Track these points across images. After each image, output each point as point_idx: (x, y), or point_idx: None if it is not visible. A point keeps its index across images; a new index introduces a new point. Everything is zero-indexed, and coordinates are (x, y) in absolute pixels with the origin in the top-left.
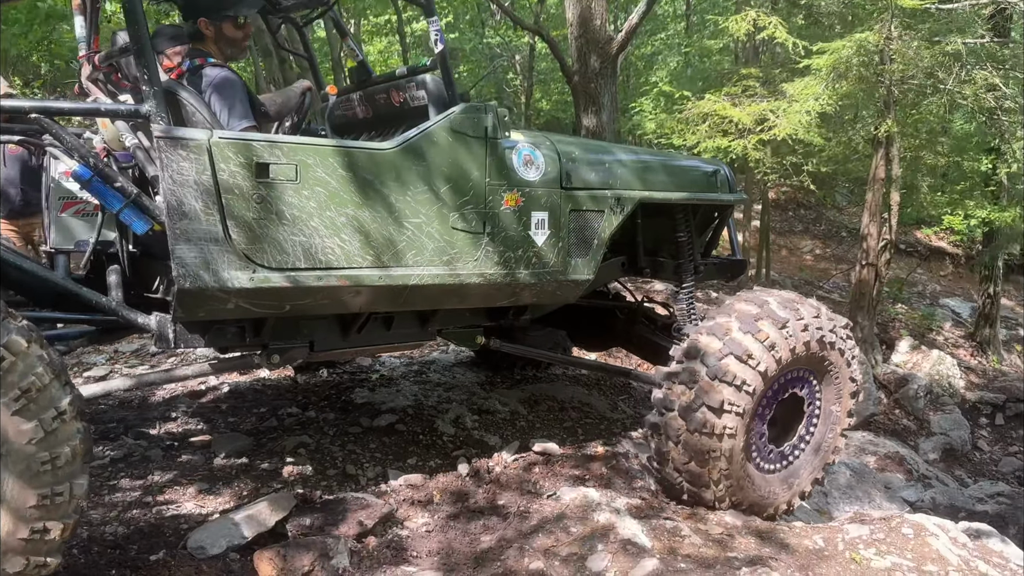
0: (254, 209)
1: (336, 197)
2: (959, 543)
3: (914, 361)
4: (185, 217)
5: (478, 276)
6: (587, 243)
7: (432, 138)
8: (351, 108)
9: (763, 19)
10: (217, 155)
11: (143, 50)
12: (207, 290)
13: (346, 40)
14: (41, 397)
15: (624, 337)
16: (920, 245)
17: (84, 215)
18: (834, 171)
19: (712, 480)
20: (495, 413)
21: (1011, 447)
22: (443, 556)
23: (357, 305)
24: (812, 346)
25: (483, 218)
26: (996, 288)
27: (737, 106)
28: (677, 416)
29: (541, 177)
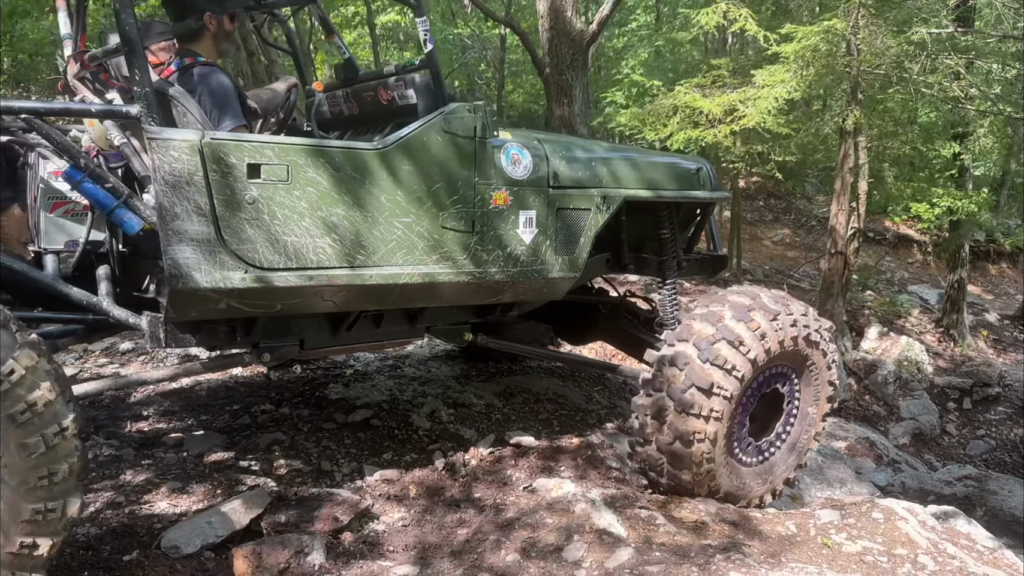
0: (246, 209)
1: (327, 197)
2: (928, 526)
3: (883, 347)
4: (177, 218)
5: (468, 274)
6: (574, 241)
7: (422, 138)
8: (337, 105)
9: (733, 11)
10: (209, 156)
11: (134, 51)
12: (199, 290)
13: (333, 38)
14: (46, 412)
15: (607, 331)
16: (888, 233)
17: (73, 215)
18: (802, 161)
19: (693, 462)
20: (470, 406)
21: (978, 431)
22: (419, 550)
23: (348, 304)
24: (799, 342)
25: (472, 217)
26: (962, 274)
27: (707, 97)
28: (666, 396)
29: (529, 176)
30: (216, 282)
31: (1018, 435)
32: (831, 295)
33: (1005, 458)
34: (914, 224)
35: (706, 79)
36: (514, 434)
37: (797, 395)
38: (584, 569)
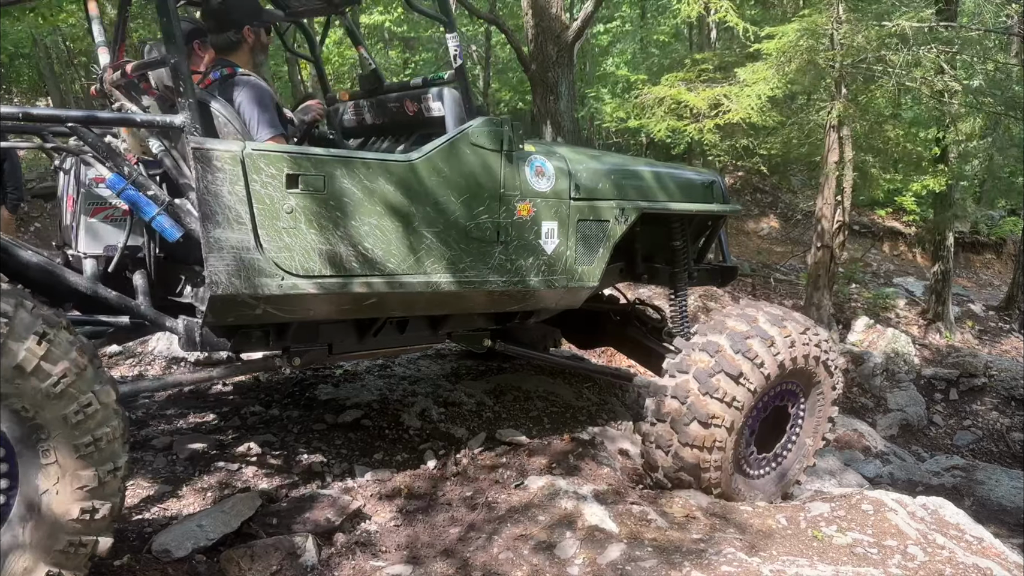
0: (283, 218)
1: (360, 206)
2: (917, 517)
3: (870, 340)
4: (218, 226)
5: (492, 283)
6: (593, 251)
7: (451, 150)
8: (360, 114)
9: (715, 2)
10: (250, 166)
11: (179, 64)
12: (238, 296)
13: (360, 48)
14: (97, 413)
15: (616, 338)
16: (874, 226)
17: (112, 220)
18: (787, 155)
19: (701, 485)
20: (461, 405)
21: (965, 421)
22: (412, 549)
23: (377, 310)
24: (799, 361)
25: (497, 227)
26: (947, 266)
27: (692, 91)
28: (670, 428)
29: (552, 188)
30: (254, 288)
31: (1004, 425)
32: (817, 288)
33: (992, 448)
34: (899, 217)
35: (691, 73)
36: (505, 432)
37: (802, 414)
38: (576, 566)
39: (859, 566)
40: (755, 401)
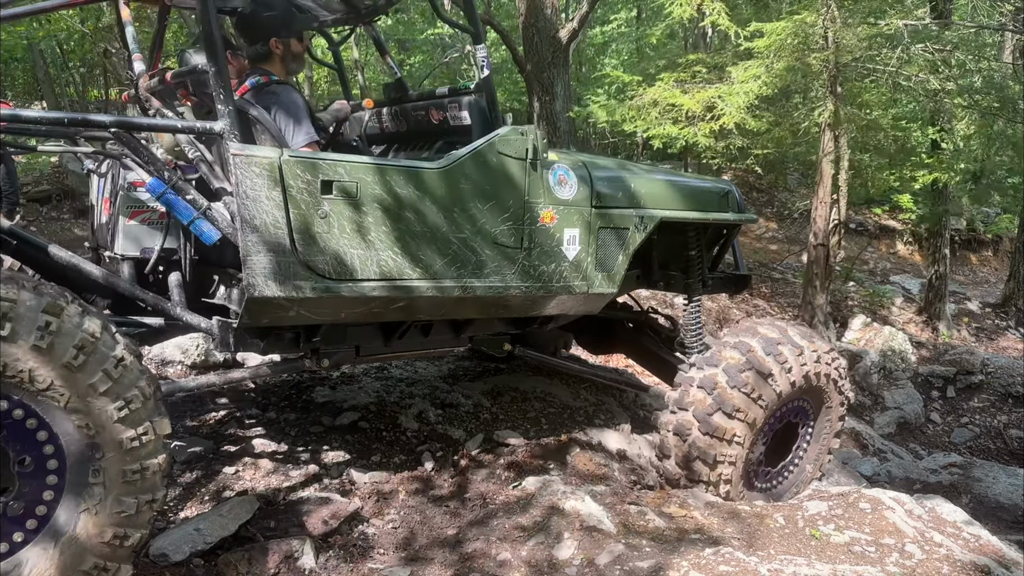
0: (318, 223)
1: (391, 212)
2: (914, 515)
3: (867, 338)
4: (256, 230)
5: (515, 288)
6: (613, 258)
7: (479, 158)
8: (384, 121)
9: (707, 4)
10: (287, 172)
11: (220, 72)
12: (273, 299)
13: (386, 58)
14: (142, 409)
15: (628, 345)
16: (870, 224)
17: (150, 223)
18: (783, 154)
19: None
20: (458, 406)
21: (962, 418)
22: (410, 551)
23: (404, 314)
24: (820, 379)
25: (521, 234)
26: (944, 264)
27: (686, 93)
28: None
29: (574, 196)
30: (289, 291)
31: (1001, 422)
32: (814, 287)
33: (989, 445)
34: (896, 215)
35: (685, 74)
36: (503, 433)
37: (809, 437)
38: (574, 566)
39: (857, 564)
40: (778, 404)
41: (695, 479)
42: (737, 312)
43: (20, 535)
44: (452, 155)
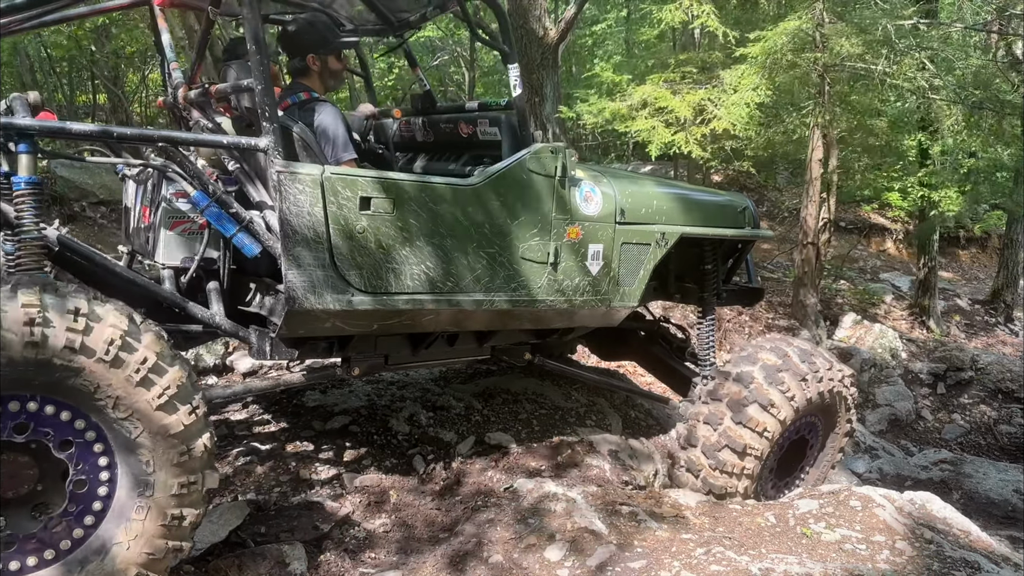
0: (356, 238)
1: (425, 228)
2: (905, 512)
3: (857, 336)
4: (298, 244)
5: (541, 302)
6: (634, 273)
7: (511, 175)
8: (411, 131)
9: (696, 7)
10: (328, 188)
11: (266, 90)
12: (312, 311)
13: (416, 71)
14: (180, 392)
15: (640, 354)
16: (860, 222)
17: (189, 234)
18: (772, 155)
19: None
20: (449, 409)
21: (953, 415)
22: (402, 556)
23: (434, 325)
24: (826, 396)
25: (548, 249)
26: (933, 261)
27: (676, 94)
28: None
29: (599, 212)
30: (327, 304)
31: (991, 418)
32: (804, 285)
33: (980, 441)
34: (885, 213)
35: (675, 74)
36: (494, 435)
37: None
38: (567, 568)
39: (847, 562)
40: (805, 410)
41: (720, 469)
42: (728, 312)
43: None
44: (485, 172)
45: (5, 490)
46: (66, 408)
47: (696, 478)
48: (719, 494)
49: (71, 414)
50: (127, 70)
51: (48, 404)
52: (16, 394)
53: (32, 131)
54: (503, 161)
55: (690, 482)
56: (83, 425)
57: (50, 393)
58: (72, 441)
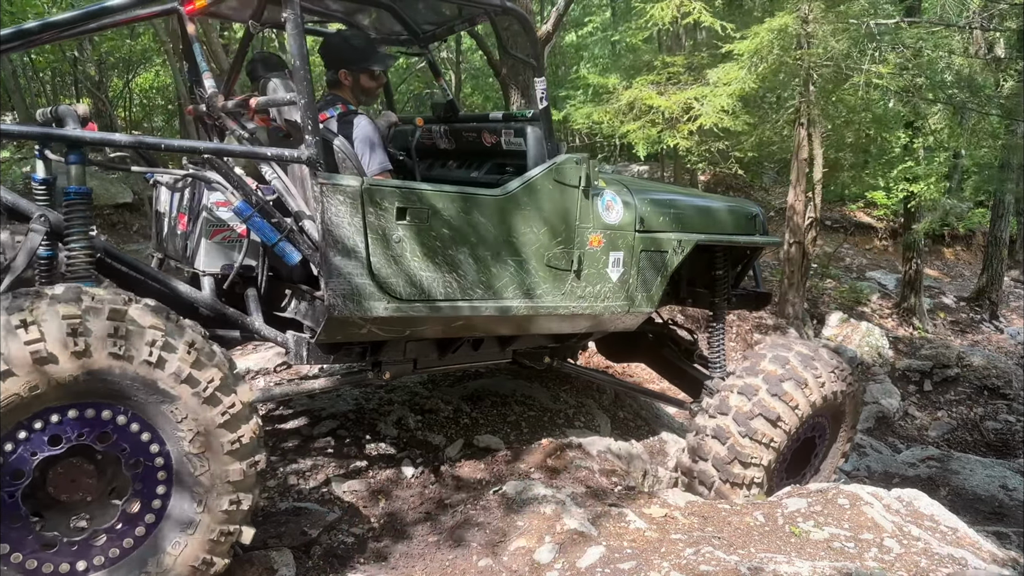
0: (393, 247)
1: (457, 236)
2: (892, 510)
3: (844, 334)
4: (338, 254)
5: (564, 307)
6: (652, 279)
7: (537, 185)
8: (431, 138)
9: (688, 4)
10: (367, 199)
11: (309, 104)
12: (351, 318)
13: (439, 81)
14: (223, 386)
15: (649, 356)
16: (845, 221)
17: (229, 242)
18: (759, 154)
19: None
20: (438, 412)
21: (940, 411)
22: (391, 560)
23: (463, 331)
24: (832, 397)
25: (571, 257)
26: (919, 259)
27: (663, 95)
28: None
29: (620, 221)
30: (364, 311)
31: (978, 414)
32: (791, 284)
33: (966, 437)
34: (871, 211)
35: (660, 76)
36: (483, 438)
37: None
38: (556, 570)
39: (836, 560)
40: (810, 415)
41: (730, 481)
42: None
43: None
44: (513, 182)
45: (59, 491)
46: (148, 430)
47: (717, 469)
48: (738, 483)
49: (151, 437)
50: (111, 75)
51: (135, 422)
52: (112, 404)
53: (83, 142)
54: (531, 171)
55: (712, 471)
56: (157, 450)
57: (139, 412)
58: (142, 463)
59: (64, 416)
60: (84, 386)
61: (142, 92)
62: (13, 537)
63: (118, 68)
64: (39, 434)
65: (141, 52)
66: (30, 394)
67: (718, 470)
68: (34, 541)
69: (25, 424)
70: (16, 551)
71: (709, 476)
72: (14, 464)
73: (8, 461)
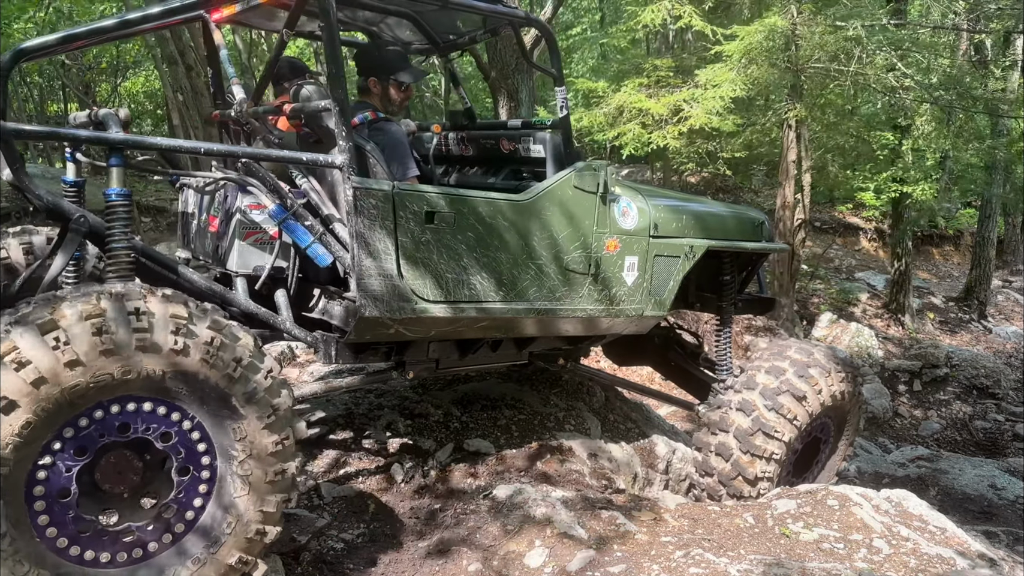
0: (421, 250)
1: (481, 240)
2: (881, 510)
3: (834, 335)
4: (370, 256)
5: (581, 310)
6: (664, 284)
7: (558, 191)
8: (448, 145)
9: (678, 8)
10: (398, 203)
11: (343, 111)
12: (380, 318)
13: (458, 90)
14: (274, 386)
15: (655, 359)
16: (834, 222)
17: (261, 244)
18: (748, 155)
19: None
20: (428, 416)
21: (929, 411)
22: (381, 566)
23: (484, 332)
24: (837, 398)
25: (589, 261)
26: (907, 259)
27: (652, 97)
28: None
29: (635, 226)
30: (393, 312)
31: (967, 413)
32: (781, 285)
33: (955, 437)
34: (859, 212)
35: (649, 79)
36: (473, 442)
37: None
38: (546, 574)
39: (826, 562)
40: (812, 420)
41: (736, 495)
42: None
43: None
44: (534, 187)
45: (104, 480)
46: (206, 441)
47: (723, 484)
48: (745, 497)
49: (206, 448)
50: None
51: (197, 430)
52: (183, 408)
53: (127, 145)
54: (551, 178)
55: (718, 487)
56: (207, 462)
57: (204, 421)
58: (190, 470)
59: (140, 407)
60: (167, 384)
61: (131, 97)
62: (55, 511)
63: (106, 73)
64: (112, 417)
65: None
66: (121, 378)
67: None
68: (71, 521)
69: (104, 405)
70: (54, 526)
71: (724, 470)
72: (82, 441)
73: (78, 436)
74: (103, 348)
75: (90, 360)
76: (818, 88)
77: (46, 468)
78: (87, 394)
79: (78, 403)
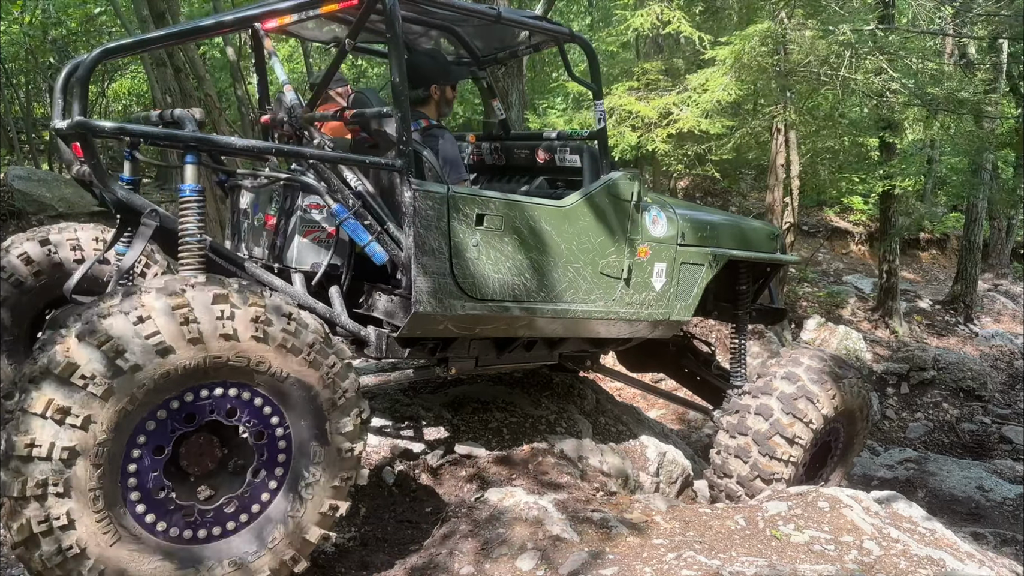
0: (471, 251)
1: (525, 243)
2: (871, 512)
3: (822, 338)
4: (426, 255)
5: (614, 313)
6: (689, 290)
7: (596, 199)
8: (480, 154)
9: (667, 13)
10: (452, 206)
11: (404, 118)
12: (433, 315)
13: (495, 101)
14: (342, 371)
15: (670, 365)
16: (822, 225)
17: (318, 241)
18: (737, 158)
19: None
20: (419, 419)
21: (917, 414)
22: (371, 569)
23: (524, 331)
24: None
25: (622, 266)
26: (894, 263)
27: (642, 100)
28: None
29: (665, 234)
30: (445, 309)
31: (954, 416)
32: None
33: (943, 439)
34: (847, 216)
35: (639, 83)
36: (464, 445)
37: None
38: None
39: (816, 563)
40: (825, 426)
41: (755, 496)
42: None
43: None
44: (573, 195)
45: (188, 461)
46: (282, 426)
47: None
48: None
49: (280, 425)
50: None
51: (276, 415)
52: (264, 395)
53: (204, 144)
54: (590, 185)
55: (737, 488)
56: (284, 446)
57: (283, 406)
58: (263, 462)
59: (226, 392)
60: (284, 386)
61: (118, 98)
62: (148, 489)
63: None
64: (204, 401)
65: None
66: (211, 363)
67: (780, 403)
68: (165, 500)
69: (194, 389)
70: (145, 503)
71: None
72: (193, 409)
73: (176, 416)
74: (280, 343)
75: (245, 343)
76: (808, 92)
77: (146, 433)
78: (221, 370)
79: (212, 375)
